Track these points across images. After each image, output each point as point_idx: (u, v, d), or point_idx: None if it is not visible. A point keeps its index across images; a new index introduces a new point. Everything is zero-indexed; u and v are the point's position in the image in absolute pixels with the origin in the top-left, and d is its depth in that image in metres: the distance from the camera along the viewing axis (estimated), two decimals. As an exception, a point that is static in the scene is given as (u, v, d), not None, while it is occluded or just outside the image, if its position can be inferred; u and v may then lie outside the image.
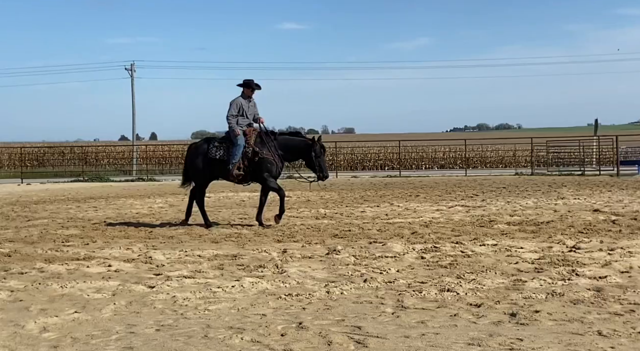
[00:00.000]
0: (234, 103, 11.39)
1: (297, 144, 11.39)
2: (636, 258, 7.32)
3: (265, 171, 11.22)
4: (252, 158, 11.18)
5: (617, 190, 17.56)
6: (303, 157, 11.42)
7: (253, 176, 11.34)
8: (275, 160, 11.26)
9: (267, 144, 11.27)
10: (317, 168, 11.27)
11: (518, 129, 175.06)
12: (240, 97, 11.45)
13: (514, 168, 36.16)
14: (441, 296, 5.87)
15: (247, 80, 11.57)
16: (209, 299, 5.95)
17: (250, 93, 11.52)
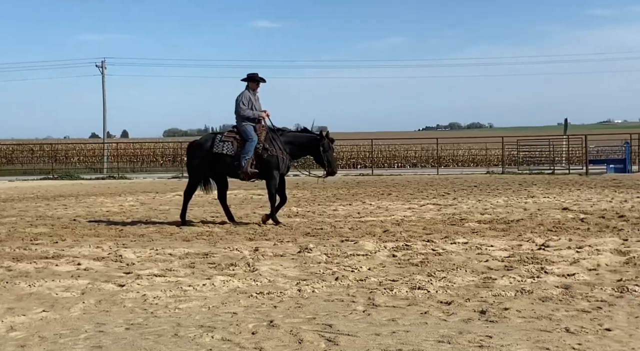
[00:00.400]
0: (244, 97, 11.16)
1: (305, 140, 11.23)
2: (604, 256, 7.42)
3: (274, 169, 11.05)
4: (261, 155, 11.02)
5: (586, 188, 17.79)
6: (311, 152, 11.28)
7: (260, 173, 11.14)
8: (283, 158, 11.10)
9: (275, 141, 11.12)
10: (326, 163, 11.13)
11: (489, 128, 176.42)
12: (247, 91, 11.25)
13: (486, 167, 36.45)
14: (412, 294, 5.90)
15: (252, 73, 11.39)
16: (180, 297, 5.92)
17: (255, 86, 11.34)
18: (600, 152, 32.98)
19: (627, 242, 8.35)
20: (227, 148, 11.11)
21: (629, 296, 5.66)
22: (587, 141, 29.03)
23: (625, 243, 8.27)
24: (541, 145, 34.60)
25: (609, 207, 12.63)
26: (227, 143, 11.13)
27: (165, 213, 13.23)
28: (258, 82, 11.35)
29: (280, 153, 11.06)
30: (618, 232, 9.29)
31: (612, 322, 4.90)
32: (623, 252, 7.60)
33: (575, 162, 31.38)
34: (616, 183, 19.59)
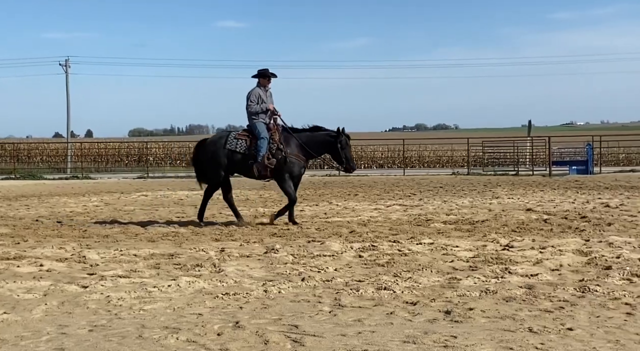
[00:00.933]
0: (253, 94, 11.01)
1: (322, 139, 11.08)
2: (566, 256, 7.53)
3: (287, 171, 10.90)
4: (275, 156, 10.87)
5: (549, 189, 18.03)
6: (329, 151, 11.16)
7: (273, 173, 10.97)
8: (299, 159, 10.99)
9: (291, 142, 10.99)
10: (344, 160, 11.04)
11: (455, 129, 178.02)
12: (257, 88, 11.11)
13: (451, 167, 36.78)
14: (378, 294, 5.92)
15: (262, 69, 11.22)
16: (144, 299, 5.86)
17: (266, 82, 11.18)
18: (563, 153, 33.46)
19: (589, 242, 8.48)
20: (240, 145, 10.96)
21: (590, 296, 5.75)
22: (550, 143, 29.43)
23: (587, 243, 8.40)
24: (505, 147, 34.99)
25: (572, 208, 12.82)
26: (241, 140, 10.99)
27: (130, 214, 13.10)
28: (269, 77, 11.19)
29: (295, 155, 10.93)
30: (580, 233, 9.44)
31: (574, 322, 4.97)
32: (585, 253, 7.72)
33: (538, 164, 31.80)
34: (578, 184, 19.90)
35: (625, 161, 37.52)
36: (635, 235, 9.09)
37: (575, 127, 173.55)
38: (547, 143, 29.57)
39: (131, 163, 44.10)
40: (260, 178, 11.23)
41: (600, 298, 5.68)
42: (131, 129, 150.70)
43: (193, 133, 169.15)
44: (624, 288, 6.00)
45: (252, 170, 11.00)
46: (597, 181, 21.06)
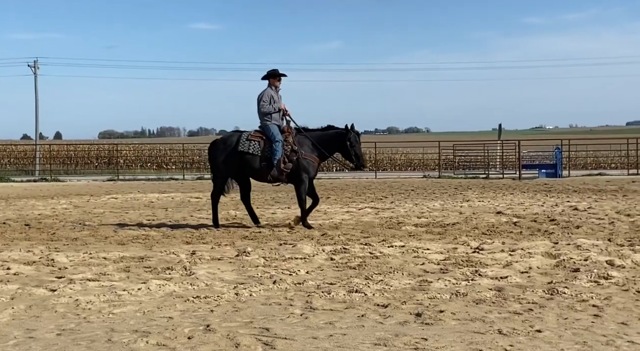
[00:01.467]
0: (265, 94, 10.86)
1: (332, 138, 10.93)
2: (535, 258, 7.61)
3: (303, 172, 10.77)
4: (290, 158, 10.73)
5: (519, 193, 18.21)
6: (339, 149, 11.01)
7: (289, 176, 10.83)
8: (314, 160, 10.88)
9: (305, 143, 10.86)
10: (354, 157, 10.91)
11: (427, 133, 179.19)
12: (269, 89, 10.96)
13: (422, 171, 36.98)
14: (349, 297, 5.93)
15: (272, 70, 11.08)
16: (114, 302, 5.81)
17: (277, 83, 11.04)
18: (533, 157, 33.82)
19: (558, 245, 8.58)
20: (253, 147, 10.78)
21: (558, 298, 5.81)
22: (520, 146, 29.74)
23: (555, 246, 8.49)
24: (476, 150, 35.29)
25: (541, 211, 12.96)
26: (254, 142, 10.80)
27: (100, 217, 12.98)
28: (279, 77, 11.06)
29: (310, 156, 10.81)
30: (549, 236, 9.55)
31: (542, 324, 5.02)
32: (553, 255, 7.81)
33: (508, 167, 32.11)
34: (547, 187, 20.13)
35: (593, 164, 38.06)
36: (603, 237, 9.21)
37: (545, 130, 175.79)
38: (517, 147, 29.87)
39: (101, 165, 43.71)
40: (273, 182, 11.05)
41: (568, 300, 5.74)
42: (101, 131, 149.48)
43: (164, 135, 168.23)
44: (592, 290, 6.08)
45: (264, 174, 10.81)
46: (566, 184, 21.32)
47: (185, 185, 23.73)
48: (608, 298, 5.77)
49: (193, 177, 29.22)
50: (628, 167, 30.36)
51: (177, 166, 39.97)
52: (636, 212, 12.40)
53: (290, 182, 10.95)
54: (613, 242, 8.72)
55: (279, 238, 9.69)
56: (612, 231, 9.97)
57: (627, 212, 12.50)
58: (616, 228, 10.32)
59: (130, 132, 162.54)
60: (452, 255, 7.98)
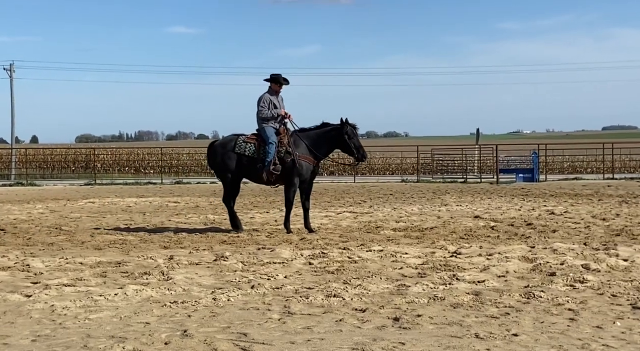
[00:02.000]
0: (263, 99, 10.80)
1: (328, 134, 10.82)
2: (512, 263, 7.66)
3: (296, 175, 10.67)
4: (283, 160, 10.65)
5: (496, 197, 18.33)
6: (338, 144, 10.86)
7: (281, 178, 10.74)
8: (309, 162, 10.75)
9: (300, 144, 10.75)
10: (355, 149, 10.78)
11: (405, 137, 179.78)
12: (267, 93, 10.88)
13: (401, 175, 37.09)
14: (327, 301, 5.93)
15: (275, 74, 10.98)
16: (90, 308, 5.76)
17: (278, 88, 10.95)
18: (510, 161, 34.07)
19: (534, 249, 8.64)
20: (249, 149, 10.77)
21: (535, 302, 5.86)
22: (498, 151, 29.95)
23: (532, 250, 8.56)
24: (454, 154, 35.48)
25: (518, 215, 13.06)
26: (250, 144, 10.79)
27: (77, 221, 12.86)
28: (281, 84, 10.98)
29: (305, 157, 10.72)
30: (526, 240, 9.62)
31: (519, 327, 5.06)
32: (530, 259, 7.87)
33: (486, 171, 32.31)
34: (524, 192, 20.27)
35: (569, 169, 38.39)
36: (579, 241, 9.30)
37: (522, 135, 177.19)
38: (495, 152, 30.07)
39: (78, 169, 43.32)
40: (269, 183, 11.04)
41: (544, 304, 5.79)
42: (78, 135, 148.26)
43: (142, 139, 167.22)
44: (567, 294, 6.14)
45: (260, 175, 10.80)
46: (543, 189, 21.49)
47: (163, 189, 23.60)
48: (583, 302, 5.83)
49: (171, 181, 29.06)
50: (604, 171, 30.67)
51: (155, 170, 39.68)
52: (611, 216, 12.54)
53: (282, 182, 10.91)
54: (589, 246, 8.80)
55: (257, 242, 9.67)
56: (588, 235, 10.07)
57: (603, 216, 12.63)
58: (592, 232, 10.43)
59: (108, 136, 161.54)
60: (430, 259, 8.01)
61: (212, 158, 11.35)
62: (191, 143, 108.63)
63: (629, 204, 15.12)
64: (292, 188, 10.79)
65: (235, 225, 11.03)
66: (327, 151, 11.08)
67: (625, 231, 10.38)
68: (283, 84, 11.02)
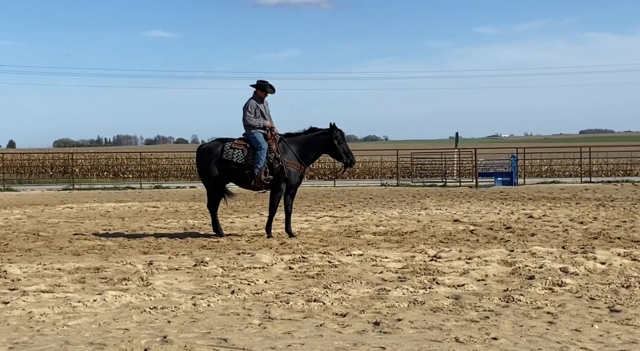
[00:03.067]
0: (249, 105, 10.69)
1: (317, 139, 10.75)
2: (491, 266, 7.71)
3: (283, 181, 10.62)
4: (272, 165, 10.56)
5: (476, 200, 18.43)
6: (326, 149, 10.82)
7: (270, 183, 10.65)
8: (297, 168, 10.71)
9: (288, 150, 10.69)
10: (344, 155, 10.73)
11: (385, 141, 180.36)
12: (253, 99, 10.78)
13: (381, 179, 37.18)
14: (308, 306, 5.93)
15: (261, 81, 10.88)
16: (69, 314, 5.71)
17: (263, 95, 10.87)
18: (489, 165, 34.30)
19: (513, 252, 8.70)
20: (236, 155, 10.66)
21: (514, 305, 5.90)
22: (477, 154, 30.12)
23: (511, 254, 8.61)
24: (434, 158, 35.63)
25: (497, 219, 13.14)
26: (237, 150, 10.68)
27: (55, 227, 12.75)
28: (266, 92, 10.90)
29: (293, 164, 10.67)
30: (505, 243, 9.68)
31: (498, 331, 5.09)
32: (509, 263, 7.92)
33: (465, 175, 32.48)
34: (503, 195, 20.40)
35: (547, 172, 38.71)
36: (557, 245, 9.38)
37: (501, 139, 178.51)
38: (474, 155, 30.24)
39: (56, 174, 42.91)
40: (256, 189, 10.99)
41: (523, 307, 5.83)
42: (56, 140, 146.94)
43: (121, 143, 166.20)
44: (546, 297, 6.19)
45: (248, 181, 10.73)
46: (521, 192, 21.64)
47: (142, 194, 23.46)
48: (562, 305, 5.88)
49: (150, 185, 28.90)
50: (581, 174, 30.96)
51: (134, 175, 39.44)
52: (589, 220, 12.66)
53: (270, 188, 10.85)
54: (567, 249, 8.88)
55: (237, 247, 9.64)
56: (566, 238, 10.16)
57: (580, 219, 12.75)
58: (570, 235, 10.52)
59: (86, 141, 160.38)
60: (410, 263, 8.04)
61: (198, 164, 11.27)
62: (170, 147, 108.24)
63: (606, 207, 15.27)
64: (278, 194, 10.77)
65: (217, 231, 10.99)
66: (315, 156, 11.07)
67: (602, 234, 10.48)
68: (269, 92, 10.97)
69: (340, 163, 11.07)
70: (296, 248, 9.39)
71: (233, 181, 11.03)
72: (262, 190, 11.02)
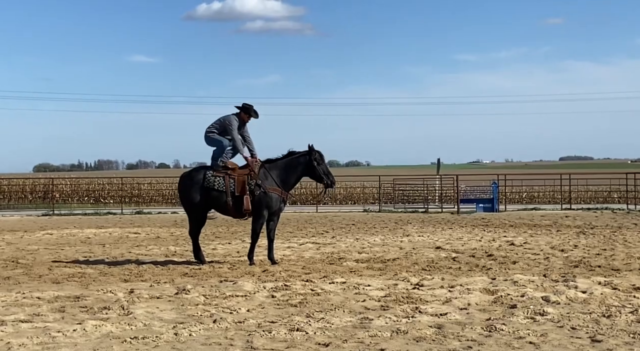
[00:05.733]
0: (234, 119, 10.76)
1: (296, 162, 10.78)
2: (474, 295, 7.72)
3: (265, 207, 10.60)
4: (253, 192, 10.52)
5: (457, 227, 18.50)
6: (306, 172, 10.81)
7: (251, 210, 10.62)
8: (279, 193, 10.70)
9: (269, 176, 10.67)
10: (324, 175, 10.75)
11: (367, 166, 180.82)
12: (235, 118, 10.82)
13: (363, 204, 37.20)
14: (291, 336, 5.90)
15: (247, 104, 10.92)
16: (48, 345, 5.64)
17: (246, 119, 10.91)
18: (470, 191, 34.46)
19: (495, 281, 8.73)
20: (218, 183, 10.63)
21: (496, 335, 5.91)
22: (458, 181, 30.27)
23: (493, 282, 8.64)
24: (415, 184, 35.74)
25: (479, 246, 13.18)
26: (219, 178, 10.65)
27: (34, 254, 12.61)
28: (250, 115, 10.93)
29: (274, 189, 10.64)
30: (487, 271, 9.71)
31: (481, 361, 5.08)
32: (491, 291, 7.94)
33: (447, 201, 32.60)
34: (485, 222, 20.50)
35: (527, 199, 38.93)
36: (539, 273, 9.42)
37: (482, 165, 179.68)
38: (455, 182, 30.39)
39: (36, 199, 42.49)
40: (238, 216, 10.95)
41: (506, 337, 5.84)
42: (36, 164, 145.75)
43: (102, 168, 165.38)
44: (528, 327, 6.20)
45: (229, 209, 10.73)
46: (503, 219, 21.75)
47: (123, 220, 23.31)
48: (544, 334, 5.90)
49: (132, 211, 28.72)
50: (561, 201, 31.19)
51: (115, 200, 39.20)
52: (569, 247, 12.74)
53: (252, 214, 10.81)
54: (548, 278, 8.92)
55: (219, 275, 9.59)
56: (547, 266, 10.21)
57: (561, 247, 12.83)
58: (551, 263, 10.57)
59: (67, 165, 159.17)
60: (393, 291, 8.03)
61: (180, 190, 11.28)
62: (152, 172, 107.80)
63: (587, 235, 15.38)
64: (260, 221, 10.77)
65: (199, 258, 10.94)
66: (296, 180, 11.07)
67: (583, 262, 10.55)
68: (252, 117, 11.02)
69: (321, 184, 11.07)
70: (279, 276, 9.36)
71: (214, 208, 11.00)
72: (245, 217, 11.00)
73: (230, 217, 11.33)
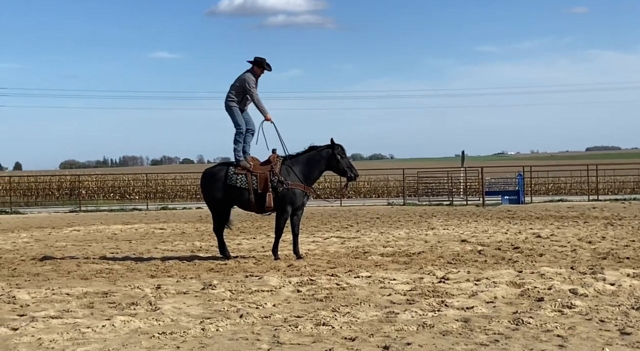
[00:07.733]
0: (250, 78, 10.73)
1: (319, 156, 10.80)
2: (500, 288, 7.68)
3: (288, 203, 10.65)
4: (276, 189, 10.57)
5: (483, 220, 18.40)
6: (329, 165, 10.85)
7: (275, 206, 10.67)
8: (302, 188, 10.71)
9: (291, 172, 10.70)
10: (347, 169, 10.75)
11: (390, 159, 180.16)
12: (251, 74, 10.79)
13: (387, 198, 37.14)
14: (317, 330, 5.92)
15: (260, 58, 10.90)
16: (78, 340, 5.71)
17: (260, 73, 10.90)
18: (495, 183, 34.23)
19: (522, 273, 8.67)
20: (240, 180, 10.69)
21: (524, 328, 5.87)
22: (483, 173, 30.09)
23: (519, 275, 8.59)
24: (440, 177, 35.60)
25: (505, 239, 13.10)
26: (240, 175, 10.70)
27: (62, 250, 12.77)
28: (264, 68, 10.92)
29: (297, 185, 10.67)
30: (513, 264, 9.65)
31: (509, 354, 5.06)
32: (518, 284, 7.89)
33: (472, 193, 32.43)
34: (510, 214, 20.36)
35: (554, 190, 38.60)
36: (566, 265, 9.34)
37: (507, 156, 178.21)
38: (480, 174, 30.21)
39: (63, 196, 42.97)
40: (261, 212, 10.99)
41: (533, 330, 5.80)
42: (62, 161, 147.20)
43: (127, 164, 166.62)
44: (556, 319, 6.15)
45: (252, 206, 10.78)
46: (529, 211, 21.59)
47: (149, 216, 23.50)
48: (572, 327, 5.85)
49: (157, 207, 28.94)
50: (588, 193, 30.89)
51: (140, 196, 39.50)
52: (597, 239, 12.61)
53: (275, 210, 10.84)
54: (576, 270, 8.85)
55: (245, 270, 9.64)
56: (575, 259, 10.12)
57: (589, 239, 12.71)
58: (578, 255, 10.48)
59: (92, 162, 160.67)
60: (419, 285, 8.01)
61: (203, 188, 11.35)
62: (176, 168, 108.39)
63: (614, 226, 15.22)
64: (284, 216, 10.80)
65: (224, 253, 11.01)
66: (318, 174, 11.08)
67: (611, 254, 10.45)
68: (265, 70, 11.00)
69: (344, 177, 11.04)
70: (304, 270, 9.38)
71: (237, 205, 11.06)
72: (268, 213, 11.03)
73: (252, 212, 11.36)
